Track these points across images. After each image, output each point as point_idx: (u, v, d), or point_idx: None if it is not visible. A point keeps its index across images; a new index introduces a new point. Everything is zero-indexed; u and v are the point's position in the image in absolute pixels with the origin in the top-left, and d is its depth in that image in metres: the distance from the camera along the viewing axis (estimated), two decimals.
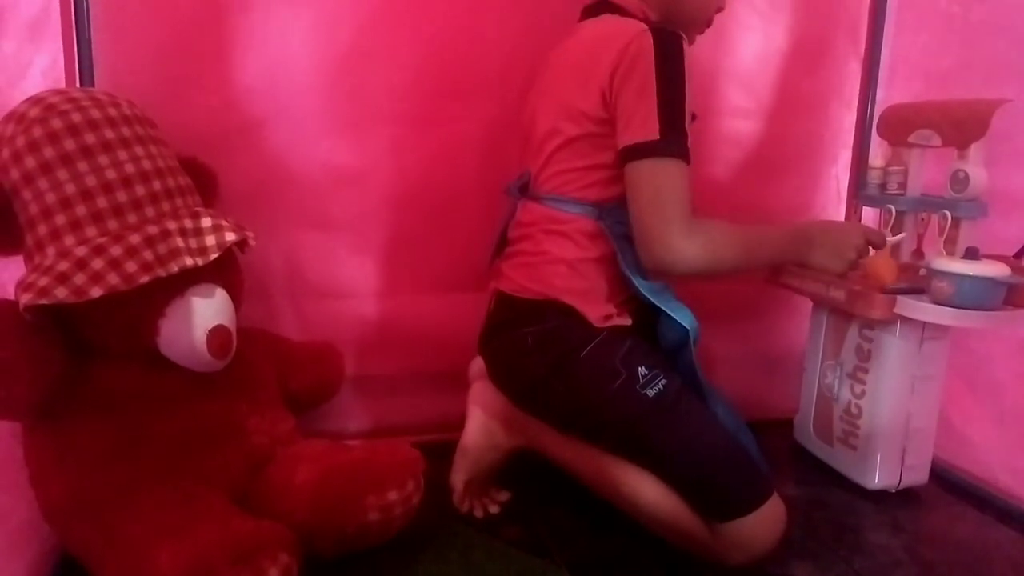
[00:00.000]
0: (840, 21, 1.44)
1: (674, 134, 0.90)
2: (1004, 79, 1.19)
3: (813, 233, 1.05)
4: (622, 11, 1.02)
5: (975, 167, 1.12)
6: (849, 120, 1.49)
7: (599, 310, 1.01)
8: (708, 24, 1.10)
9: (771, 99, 1.43)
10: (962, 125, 1.14)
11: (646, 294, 1.00)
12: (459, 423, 1.17)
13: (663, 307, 0.99)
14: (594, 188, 1.00)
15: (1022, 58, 1.17)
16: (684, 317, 1.00)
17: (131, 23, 1.12)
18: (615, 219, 0.99)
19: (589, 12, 1.07)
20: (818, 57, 1.45)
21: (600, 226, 1.00)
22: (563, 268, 1.01)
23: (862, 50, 1.47)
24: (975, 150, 1.12)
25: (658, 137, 0.89)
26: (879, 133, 1.31)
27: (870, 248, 1.08)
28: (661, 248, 0.91)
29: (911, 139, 1.22)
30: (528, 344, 1.01)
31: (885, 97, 1.45)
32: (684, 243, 0.90)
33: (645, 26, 0.92)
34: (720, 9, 1.09)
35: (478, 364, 1.18)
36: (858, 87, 1.48)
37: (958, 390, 1.29)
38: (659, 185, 0.91)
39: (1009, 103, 1.09)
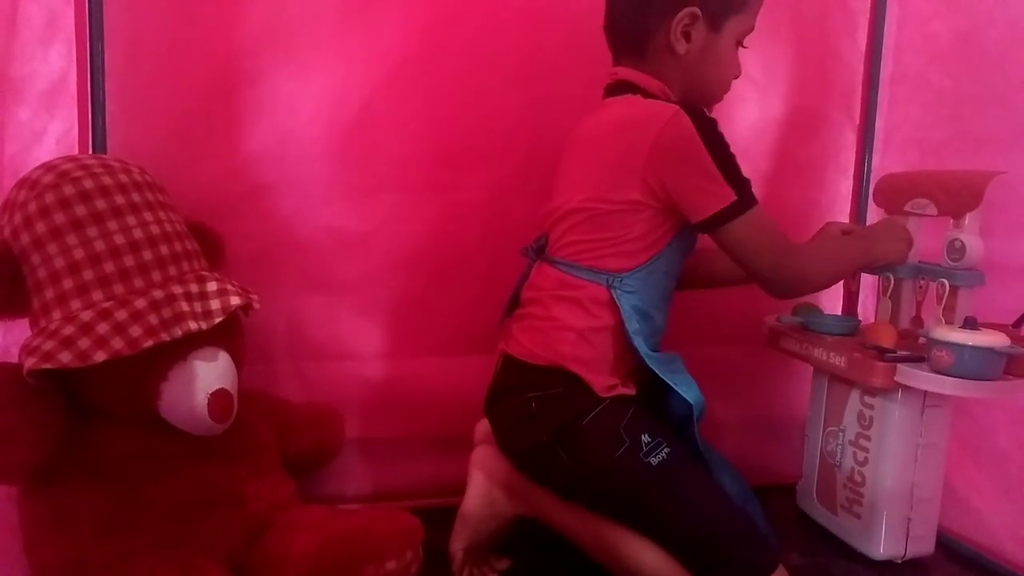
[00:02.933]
0: (834, 92, 1.48)
1: (743, 189, 0.96)
2: (996, 151, 1.22)
3: (872, 231, 1.20)
4: (644, 92, 1.04)
5: (971, 236, 1.14)
6: (846, 187, 1.52)
7: (604, 380, 1.01)
8: (727, 92, 1.12)
9: (768, 167, 1.45)
10: (957, 195, 1.16)
11: (652, 366, 1.00)
12: (461, 487, 1.16)
13: (668, 380, 1.00)
14: (611, 258, 1.01)
15: (1012, 131, 1.20)
16: (690, 392, 1.00)
17: (145, 92, 1.15)
18: (626, 288, 1.00)
19: (612, 91, 1.08)
20: (813, 126, 1.48)
21: (611, 294, 1.00)
22: (571, 336, 1.01)
23: (856, 120, 1.50)
24: (970, 220, 1.14)
25: (735, 198, 0.95)
26: (875, 201, 1.33)
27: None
28: (794, 277, 1.02)
29: (907, 208, 1.24)
30: (532, 409, 1.00)
31: (880, 166, 1.48)
32: (808, 266, 1.04)
33: (676, 107, 0.95)
34: (736, 76, 1.11)
35: (484, 427, 1.17)
36: (853, 156, 1.51)
37: (961, 458, 1.28)
38: (759, 234, 0.98)
39: (1003, 175, 1.12)
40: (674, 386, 1.00)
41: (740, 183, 0.96)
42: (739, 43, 1.08)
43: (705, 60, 1.04)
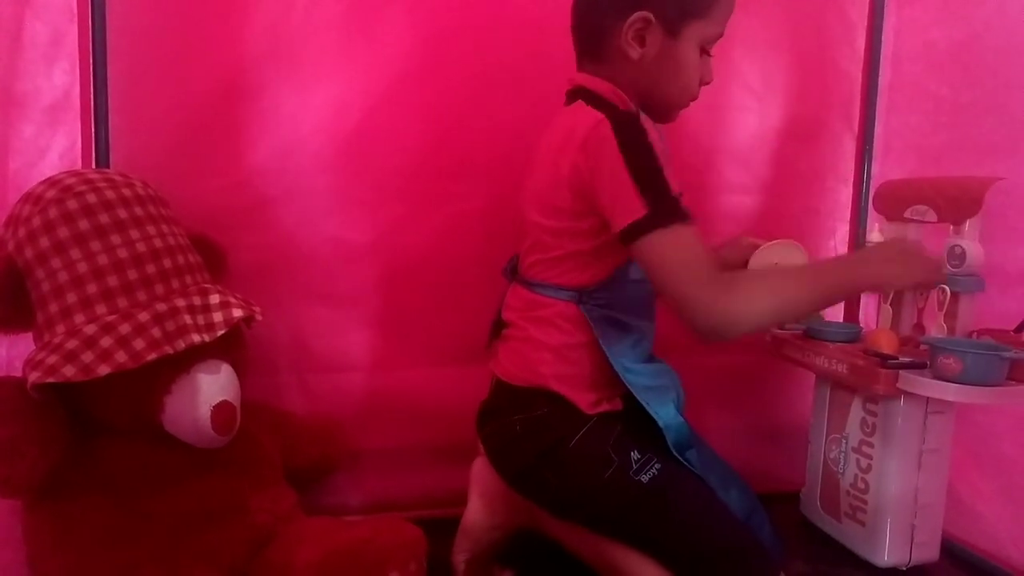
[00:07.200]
0: (833, 100, 1.49)
1: (661, 202, 0.85)
2: (995, 158, 1.22)
3: (867, 255, 1.03)
4: (596, 96, 0.99)
5: (971, 243, 1.14)
6: (845, 195, 1.52)
7: (588, 396, 0.99)
8: (693, 99, 1.03)
9: (768, 175, 1.46)
10: (956, 202, 1.16)
11: (627, 383, 0.97)
12: (463, 497, 1.16)
13: (640, 399, 0.97)
14: (573, 273, 0.98)
15: (1011, 138, 1.20)
16: (662, 413, 0.97)
17: (147, 106, 1.16)
18: (596, 302, 0.97)
19: (568, 98, 1.05)
20: (813, 134, 1.48)
21: (581, 311, 0.98)
22: (548, 355, 0.99)
23: (856, 128, 1.51)
24: (970, 226, 1.15)
25: (645, 211, 0.85)
26: (875, 208, 1.34)
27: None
28: (704, 316, 0.85)
29: (907, 214, 1.24)
30: (516, 431, 0.99)
31: (880, 173, 1.48)
32: (724, 302, 0.85)
33: (601, 116, 0.90)
34: (706, 82, 1.03)
35: None
36: (853, 163, 1.51)
37: (965, 464, 1.28)
38: (668, 256, 0.86)
39: (1002, 181, 1.12)
40: (646, 406, 0.97)
41: (658, 197, 0.85)
42: (704, 50, 1.00)
43: (663, 66, 0.98)
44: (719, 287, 0.85)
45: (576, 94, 1.02)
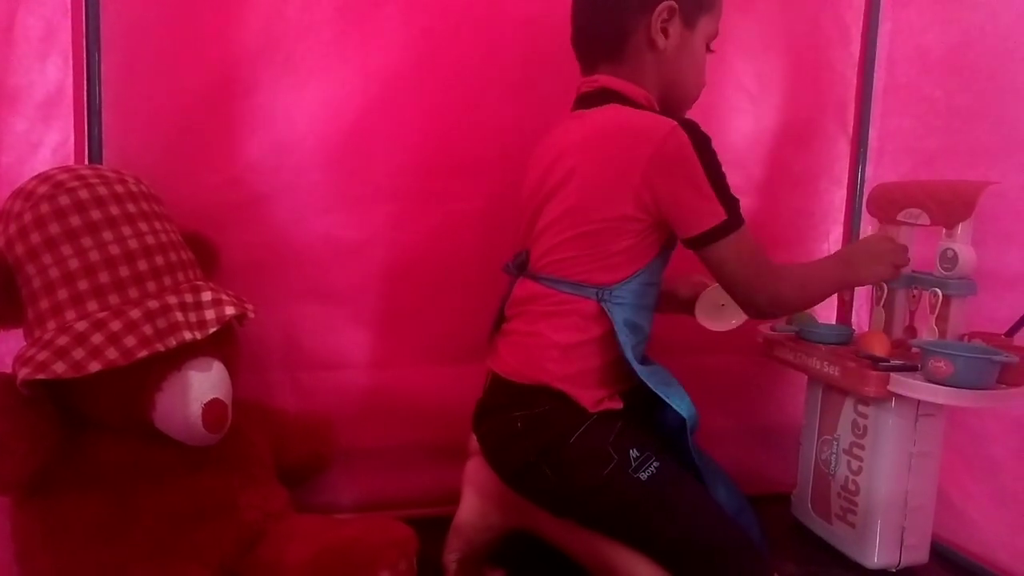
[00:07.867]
0: (828, 103, 1.49)
1: (733, 208, 0.95)
2: (988, 161, 1.23)
3: (851, 255, 1.13)
4: (628, 100, 1.02)
5: (963, 246, 1.14)
6: (839, 197, 1.52)
7: (592, 395, 1.00)
8: (695, 99, 1.12)
9: (763, 177, 1.46)
10: (949, 205, 1.16)
11: (644, 379, 0.99)
12: (455, 497, 1.16)
13: (660, 394, 0.99)
14: (598, 272, 0.99)
15: (1003, 142, 1.20)
16: (682, 405, 0.99)
17: (141, 102, 1.15)
18: (617, 300, 0.99)
19: (590, 100, 1.05)
20: (807, 137, 1.49)
21: (601, 307, 0.99)
22: (555, 353, 1.00)
23: (850, 130, 1.51)
24: (962, 229, 1.15)
25: (725, 217, 0.94)
26: (869, 211, 1.34)
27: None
28: (769, 301, 1.00)
29: (900, 217, 1.25)
30: (517, 428, 0.99)
31: (874, 175, 1.49)
32: (783, 289, 1.01)
33: (674, 123, 0.94)
34: (704, 84, 1.11)
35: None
36: (847, 166, 1.52)
37: (956, 467, 1.28)
38: (743, 253, 0.97)
39: (995, 185, 1.12)
40: (666, 399, 0.99)
41: (730, 202, 0.95)
42: (708, 47, 1.08)
43: (681, 58, 1.04)
44: (778, 277, 1.01)
45: (604, 96, 1.03)
